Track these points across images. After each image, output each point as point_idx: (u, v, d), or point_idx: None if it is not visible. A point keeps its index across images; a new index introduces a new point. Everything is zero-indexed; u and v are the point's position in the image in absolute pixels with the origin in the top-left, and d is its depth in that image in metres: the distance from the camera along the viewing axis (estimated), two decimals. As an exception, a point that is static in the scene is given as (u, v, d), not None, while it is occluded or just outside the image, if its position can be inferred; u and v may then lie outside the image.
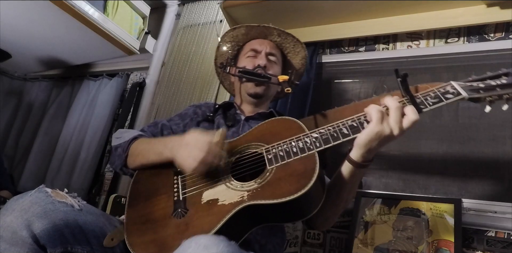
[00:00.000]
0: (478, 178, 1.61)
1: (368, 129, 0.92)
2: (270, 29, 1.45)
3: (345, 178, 1.03)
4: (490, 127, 1.64)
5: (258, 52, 1.42)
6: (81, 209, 0.97)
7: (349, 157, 1.00)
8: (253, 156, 1.07)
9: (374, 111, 0.93)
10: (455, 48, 1.82)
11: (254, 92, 1.37)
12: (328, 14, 1.97)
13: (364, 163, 0.99)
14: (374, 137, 0.92)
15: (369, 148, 0.95)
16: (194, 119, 1.37)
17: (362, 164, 0.99)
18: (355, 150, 0.98)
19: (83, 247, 0.95)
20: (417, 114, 0.92)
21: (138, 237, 1.01)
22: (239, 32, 1.48)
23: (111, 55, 2.79)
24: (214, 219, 0.94)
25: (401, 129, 0.91)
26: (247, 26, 1.46)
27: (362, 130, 0.95)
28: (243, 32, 1.47)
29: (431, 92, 0.96)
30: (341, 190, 1.06)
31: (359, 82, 2.06)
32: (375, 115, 0.92)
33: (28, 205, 0.89)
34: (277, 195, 0.91)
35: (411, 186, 1.72)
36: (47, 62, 3.13)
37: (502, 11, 1.64)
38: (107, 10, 2.43)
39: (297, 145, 1.00)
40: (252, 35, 1.48)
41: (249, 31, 1.47)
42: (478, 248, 1.46)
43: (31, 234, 0.87)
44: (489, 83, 0.95)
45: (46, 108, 3.15)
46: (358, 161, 0.98)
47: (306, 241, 1.78)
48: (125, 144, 1.22)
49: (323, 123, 1.17)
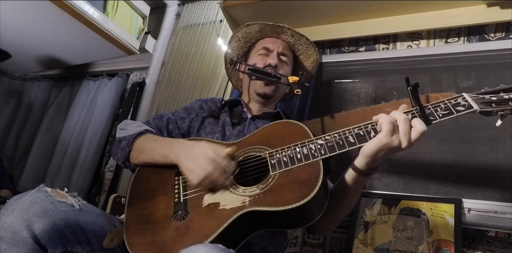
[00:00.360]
0: (478, 178, 1.61)
1: (377, 139, 0.91)
2: (285, 29, 1.44)
3: (348, 185, 1.02)
4: (490, 127, 1.64)
5: (270, 51, 1.41)
6: (81, 209, 0.97)
7: (354, 165, 0.99)
8: (256, 160, 1.06)
9: (386, 122, 0.90)
10: (455, 48, 1.82)
11: (263, 92, 1.36)
12: (328, 14, 1.97)
13: (368, 171, 0.98)
14: (382, 147, 0.91)
15: (375, 158, 0.94)
16: (200, 115, 1.36)
17: (366, 172, 0.98)
18: (360, 158, 0.97)
19: (84, 247, 0.94)
20: (424, 126, 0.90)
21: (138, 238, 1.00)
22: (252, 29, 1.47)
23: (111, 55, 2.79)
24: (215, 223, 0.93)
25: (409, 141, 0.90)
26: (261, 23, 1.45)
27: (370, 139, 0.93)
28: (257, 29, 1.46)
29: (442, 104, 0.94)
30: (344, 196, 1.06)
31: (359, 82, 2.05)
32: (385, 126, 0.90)
33: (28, 205, 0.89)
34: (279, 202, 0.90)
35: (411, 186, 1.72)
36: (46, 62, 3.12)
37: (502, 11, 1.64)
38: (107, 10, 2.43)
39: (302, 151, 0.99)
40: (266, 33, 1.47)
41: (263, 29, 1.46)
42: (479, 248, 1.46)
43: (31, 235, 0.86)
44: (502, 97, 0.92)
45: (45, 108, 3.15)
46: (362, 169, 0.97)
47: (306, 241, 1.78)
48: (130, 138, 1.20)
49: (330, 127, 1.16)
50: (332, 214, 1.07)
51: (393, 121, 0.91)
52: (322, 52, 2.14)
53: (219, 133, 1.27)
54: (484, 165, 1.62)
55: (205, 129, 1.31)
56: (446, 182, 1.66)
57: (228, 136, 1.27)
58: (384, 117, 0.92)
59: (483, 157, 1.63)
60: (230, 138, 1.26)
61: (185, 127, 1.34)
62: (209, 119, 1.35)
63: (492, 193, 1.56)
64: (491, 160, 1.61)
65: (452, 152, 1.69)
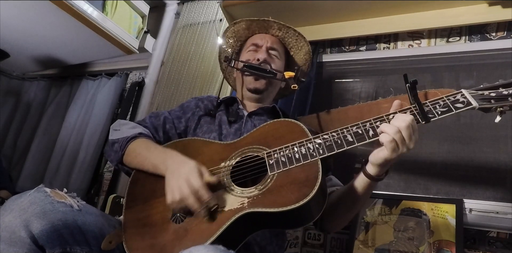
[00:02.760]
0: (479, 178, 1.60)
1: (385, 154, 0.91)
2: (270, 22, 1.43)
3: (360, 190, 1.02)
4: (491, 127, 1.63)
5: (259, 46, 1.41)
6: (80, 209, 0.96)
7: (366, 171, 0.99)
8: (254, 160, 1.04)
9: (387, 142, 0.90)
10: (456, 47, 1.81)
11: (253, 87, 1.35)
12: (328, 13, 1.97)
13: (380, 177, 0.99)
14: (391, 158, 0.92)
15: (385, 165, 0.96)
16: (196, 114, 1.35)
17: (378, 178, 0.99)
18: (371, 166, 0.98)
19: (82, 247, 0.94)
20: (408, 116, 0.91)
21: (137, 241, 1.00)
22: (239, 27, 1.47)
23: (110, 54, 2.78)
24: (214, 225, 0.93)
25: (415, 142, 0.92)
26: (247, 20, 1.44)
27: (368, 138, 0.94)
28: (244, 26, 1.46)
29: (441, 101, 0.93)
30: (356, 201, 1.06)
31: (360, 81, 2.05)
32: (388, 146, 0.90)
33: (27, 205, 0.89)
34: (278, 203, 0.90)
35: (412, 186, 1.71)
36: (45, 62, 3.11)
37: (504, 10, 1.63)
38: (106, 9, 2.43)
39: (300, 150, 0.98)
40: (253, 29, 1.47)
41: (249, 26, 1.46)
42: (480, 248, 1.46)
43: (29, 235, 0.86)
44: (501, 92, 0.91)
45: (44, 108, 3.14)
46: (374, 175, 0.98)
47: (307, 241, 1.77)
48: (123, 141, 1.19)
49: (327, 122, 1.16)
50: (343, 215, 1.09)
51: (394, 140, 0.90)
52: (322, 52, 2.14)
53: (216, 132, 1.26)
54: (485, 165, 1.61)
55: (202, 128, 1.31)
56: (447, 182, 1.65)
57: (225, 134, 1.27)
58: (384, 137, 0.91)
59: (485, 157, 1.62)
60: (228, 136, 1.25)
61: (182, 127, 1.33)
62: (206, 118, 1.34)
63: (494, 193, 1.56)
64: (492, 160, 1.60)
65: (453, 152, 1.68)
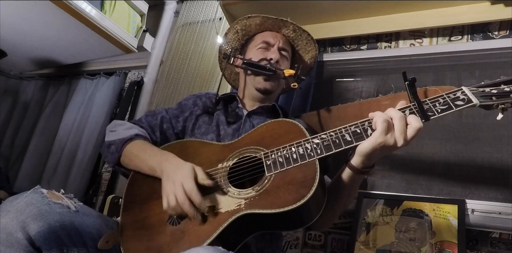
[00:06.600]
0: (482, 179, 1.59)
1: (372, 138, 0.89)
2: (287, 23, 1.41)
3: (345, 183, 1.01)
4: (494, 127, 1.62)
5: (270, 45, 1.38)
6: (77, 211, 0.96)
7: (350, 163, 0.98)
8: (252, 161, 1.04)
9: (380, 121, 0.89)
10: (458, 46, 1.80)
11: (263, 87, 1.33)
12: (329, 12, 1.96)
13: (364, 170, 0.97)
14: (377, 146, 0.89)
15: (371, 156, 0.93)
16: (194, 113, 1.34)
17: (362, 170, 0.97)
18: (356, 157, 0.96)
19: (80, 249, 0.93)
20: (420, 122, 0.89)
21: (134, 243, 1.00)
22: (253, 21, 1.43)
23: (108, 53, 2.77)
24: (210, 227, 0.92)
25: (405, 140, 0.89)
26: (263, 16, 1.41)
27: (367, 137, 0.92)
28: (258, 22, 1.43)
29: (441, 98, 0.92)
30: (340, 194, 1.05)
31: (361, 81, 2.04)
32: (380, 125, 0.88)
33: (24, 206, 0.88)
34: (275, 204, 0.89)
35: (414, 187, 1.70)
36: (43, 61, 3.10)
37: (507, 8, 1.63)
38: (104, 7, 2.41)
39: (297, 151, 0.97)
40: (266, 26, 1.44)
41: (264, 22, 1.43)
42: (482, 249, 1.45)
43: (26, 236, 0.85)
44: (503, 89, 0.90)
45: (42, 108, 3.13)
46: (359, 167, 0.97)
47: (307, 242, 1.76)
48: (119, 143, 1.18)
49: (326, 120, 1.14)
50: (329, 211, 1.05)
51: (388, 120, 0.89)
52: (323, 51, 2.13)
53: (213, 133, 1.25)
54: (487, 165, 1.60)
55: (200, 129, 1.29)
56: (449, 183, 1.65)
57: (223, 135, 1.26)
58: (379, 116, 0.90)
59: (487, 157, 1.61)
60: (225, 137, 1.24)
61: (179, 127, 1.32)
62: (204, 118, 1.32)
63: (496, 193, 1.55)
64: (495, 160, 1.59)
65: (455, 152, 1.68)
